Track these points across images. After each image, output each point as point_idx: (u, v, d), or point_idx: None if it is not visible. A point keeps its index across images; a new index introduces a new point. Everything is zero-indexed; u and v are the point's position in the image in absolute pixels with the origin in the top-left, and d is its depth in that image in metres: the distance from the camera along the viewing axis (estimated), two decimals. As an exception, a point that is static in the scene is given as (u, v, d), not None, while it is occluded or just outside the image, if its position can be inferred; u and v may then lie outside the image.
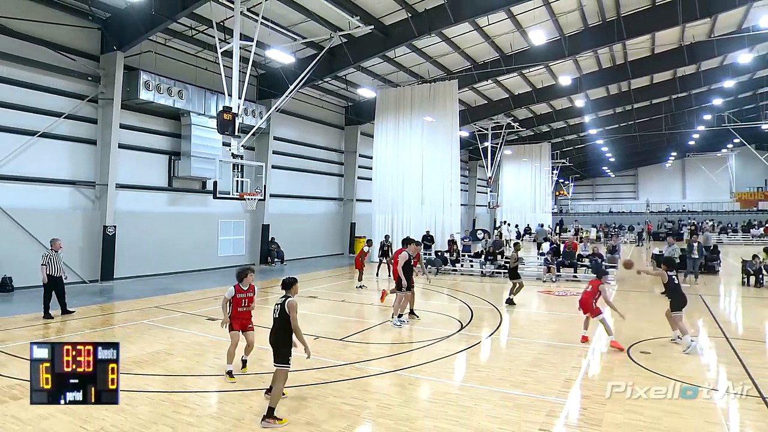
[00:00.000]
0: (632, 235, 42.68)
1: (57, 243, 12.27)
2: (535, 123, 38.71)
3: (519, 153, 44.38)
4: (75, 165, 16.97)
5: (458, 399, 6.82)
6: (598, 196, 69.42)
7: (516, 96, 31.10)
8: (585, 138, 45.46)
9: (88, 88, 17.07)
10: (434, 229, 24.26)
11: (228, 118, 14.53)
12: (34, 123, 15.78)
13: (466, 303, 14.10)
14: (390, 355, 9.02)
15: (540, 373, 7.87)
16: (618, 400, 6.69)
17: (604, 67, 27.34)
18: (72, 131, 16.81)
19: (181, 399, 6.79)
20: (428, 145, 24.47)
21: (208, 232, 21.64)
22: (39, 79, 15.89)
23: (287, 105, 21.10)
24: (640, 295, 16.17)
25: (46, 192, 16.24)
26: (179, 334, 10.42)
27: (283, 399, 6.61)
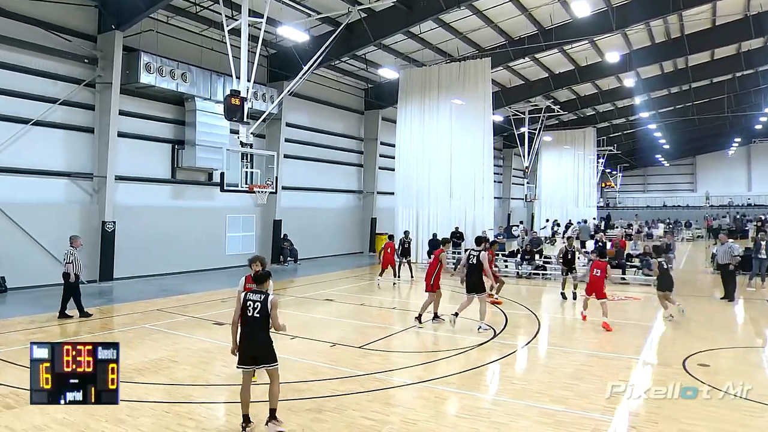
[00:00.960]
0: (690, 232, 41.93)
1: (78, 240, 12.79)
2: (578, 105, 38.22)
3: (560, 139, 43.84)
4: (71, 155, 17.32)
5: (490, 414, 6.80)
6: (650, 188, 68.29)
7: (556, 75, 30.71)
8: (635, 122, 44.65)
9: (85, 72, 17.39)
10: (464, 225, 24.12)
11: (236, 102, 14.65)
12: (27, 110, 16.12)
13: (500, 308, 14.03)
14: (415, 365, 9.03)
15: (583, 387, 7.80)
16: (670, 417, 6.59)
17: (658, 41, 26.78)
18: (67, 118, 17.16)
19: (186, 410, 6.91)
20: (458, 131, 24.31)
21: (214, 228, 21.91)
22: (31, 62, 16.22)
23: (301, 88, 21.19)
24: (699, 300, 15.89)
25: (40, 185, 16.61)
26: (184, 340, 10.59)
27: (297, 412, 6.69)
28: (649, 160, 64.93)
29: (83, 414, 6.59)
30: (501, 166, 47.27)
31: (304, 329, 11.40)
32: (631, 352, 9.76)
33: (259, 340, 6.25)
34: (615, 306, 14.59)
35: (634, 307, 14.74)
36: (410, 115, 25.64)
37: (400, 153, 26.04)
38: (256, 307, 6.25)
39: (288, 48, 22.20)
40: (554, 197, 44.53)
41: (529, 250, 20.89)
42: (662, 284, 12.61)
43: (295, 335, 10.81)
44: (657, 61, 28.48)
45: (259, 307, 6.24)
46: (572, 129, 43.69)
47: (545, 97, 33.96)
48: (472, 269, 11.43)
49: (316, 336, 10.91)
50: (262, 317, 6.23)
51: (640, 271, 18.57)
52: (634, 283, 18.25)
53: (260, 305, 6.24)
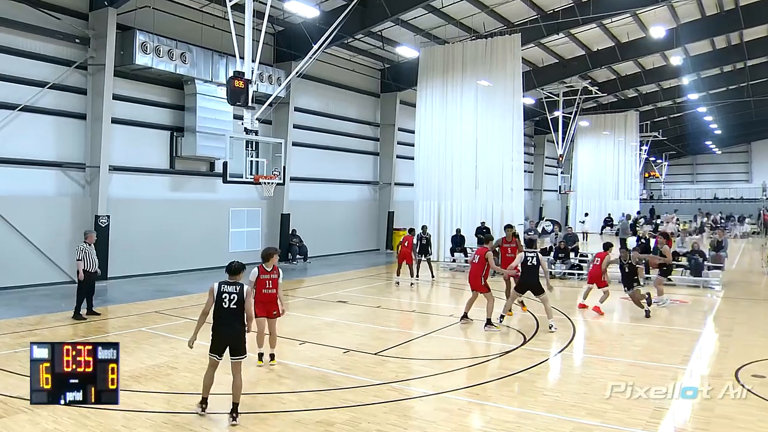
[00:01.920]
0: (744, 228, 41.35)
1: (91, 236, 13.19)
2: (618, 87, 37.81)
3: (598, 124, 43.49)
4: (62, 143, 17.55)
5: (519, 429, 6.79)
6: (699, 178, 67.42)
7: (594, 53, 30.41)
8: (683, 105, 44.08)
9: (76, 53, 17.58)
10: (491, 219, 24.06)
11: (240, 85, 14.69)
12: (13, 94, 16.34)
13: (530, 311, 13.97)
14: (436, 374, 9.04)
15: (623, 400, 7.75)
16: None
17: (709, 14, 26.37)
18: (58, 104, 17.38)
19: (186, 421, 6.99)
20: (484, 115, 24.22)
21: (217, 222, 22.07)
22: (17, 43, 16.42)
23: (311, 69, 21.19)
24: (752, 303, 15.70)
25: (28, 176, 16.85)
26: (184, 345, 10.65)
27: (307, 425, 6.75)
28: (698, 148, 64.04)
29: (75, 425, 6.70)
30: (532, 154, 47.01)
31: (314, 334, 11.47)
32: (678, 361, 9.67)
33: (236, 331, 6.96)
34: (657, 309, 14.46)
35: (681, 310, 14.59)
36: (431, 98, 25.59)
37: (420, 140, 26.01)
38: (232, 299, 6.91)
39: (296, 25, 22.23)
40: (591, 189, 44.20)
41: (564, 247, 20.75)
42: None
43: (305, 340, 10.90)
44: (708, 36, 28.03)
45: (235, 299, 6.90)
46: (612, 113, 43.31)
47: (582, 78, 33.68)
48: (531, 271, 12.03)
49: (327, 341, 10.95)
50: (238, 308, 6.91)
51: (688, 271, 18.36)
52: (681, 285, 18.05)
53: (236, 296, 6.91)
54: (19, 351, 9.96)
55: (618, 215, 42.71)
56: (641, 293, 13.52)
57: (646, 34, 27.36)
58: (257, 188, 19.77)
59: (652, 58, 32.46)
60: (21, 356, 9.60)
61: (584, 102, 37.20)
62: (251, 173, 16.35)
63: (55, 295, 15.48)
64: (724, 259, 19.34)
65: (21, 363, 9.19)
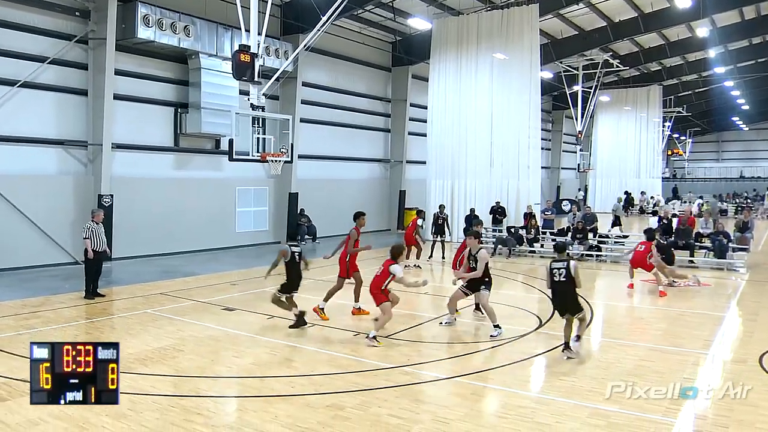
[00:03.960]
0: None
1: (99, 215, 13.39)
2: (641, 59, 37.44)
3: (619, 99, 43.13)
4: (63, 121, 17.64)
5: (534, 414, 6.83)
6: (725, 156, 66.80)
7: (616, 24, 30.04)
8: (709, 79, 43.59)
9: (76, 26, 17.59)
10: (506, 199, 24.00)
11: (245, 59, 14.64)
12: (12, 70, 16.41)
13: (547, 294, 13.97)
14: (449, 358, 9.10)
15: (642, 385, 7.76)
16: (745, 421, 6.54)
17: (738, -18, 25.99)
18: (58, 79, 17.43)
19: (194, 405, 7.09)
20: (500, 90, 24.05)
21: (223, 202, 22.17)
22: (14, 16, 16.44)
23: (319, 42, 21.05)
24: (779, 286, 15.63)
25: (29, 154, 16.97)
26: (190, 327, 10.82)
27: (316, 409, 6.83)
28: (724, 124, 63.36)
29: (82, 408, 6.81)
30: (550, 130, 46.69)
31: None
32: (700, 346, 9.66)
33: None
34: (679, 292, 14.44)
35: (703, 293, 14.54)
36: (445, 72, 25.41)
37: (432, 116, 25.90)
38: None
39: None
40: (611, 167, 43.99)
41: (581, 227, 20.66)
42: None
43: (314, 323, 10.97)
44: (736, 6, 27.63)
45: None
46: (634, 87, 42.93)
47: (603, 50, 33.31)
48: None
49: (336, 324, 11.03)
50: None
51: (711, 253, 18.26)
52: (704, 267, 17.97)
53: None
54: (23, 333, 10.13)
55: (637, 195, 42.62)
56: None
57: (671, 4, 26.99)
58: (264, 166, 19.79)
59: (677, 29, 32.08)
60: (24, 338, 9.74)
61: (605, 76, 36.86)
62: (258, 151, 16.40)
63: (58, 276, 15.68)
64: (749, 240, 19.18)
65: (24, 345, 9.32)
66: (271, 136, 17.37)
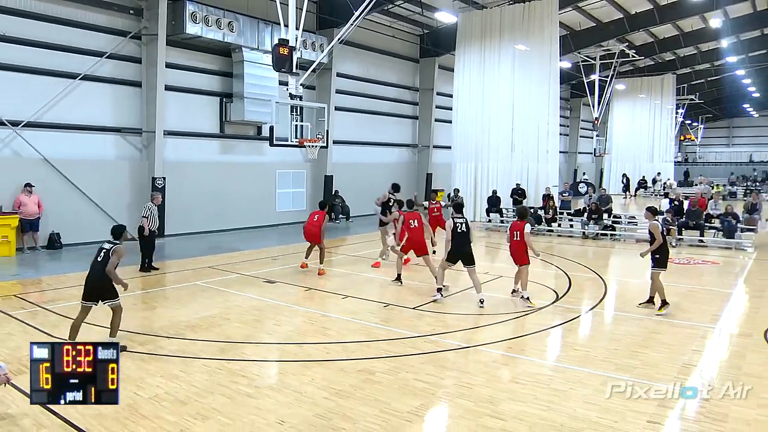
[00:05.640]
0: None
1: (157, 197, 13.80)
2: (656, 50, 36.55)
3: (634, 87, 42.28)
4: (119, 110, 17.91)
5: (550, 381, 6.83)
6: (735, 141, 65.13)
7: (632, 16, 29.31)
8: (721, 68, 42.40)
9: (131, 23, 17.78)
10: (526, 181, 23.77)
11: (284, 52, 14.66)
12: (75, 65, 16.68)
13: (563, 270, 13.88)
14: (471, 328, 9.12)
15: (652, 356, 7.70)
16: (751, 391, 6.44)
17: (751, -25, 25.14)
18: (115, 72, 17.67)
19: (239, 368, 7.24)
20: (521, 79, 23.71)
21: (264, 184, 22.37)
22: (76, 15, 16.68)
23: (352, 35, 20.99)
24: (786, 264, 15.28)
25: (90, 140, 17.30)
26: (235, 298, 11.00)
27: (349, 373, 6.93)
28: (735, 111, 61.70)
29: (137, 369, 7.01)
30: (568, 117, 46.00)
31: (356, 289, 11.65)
32: (708, 320, 9.54)
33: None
34: (688, 270, 14.22)
35: (712, 271, 14.29)
36: (469, 63, 25.12)
37: (458, 104, 25.67)
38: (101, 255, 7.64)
39: (338, -8, 21.96)
40: (626, 151, 43.31)
41: (596, 208, 20.40)
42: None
43: (348, 295, 11.08)
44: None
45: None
46: (649, 76, 42.02)
47: (619, 41, 32.60)
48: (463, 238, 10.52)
49: (369, 296, 11.12)
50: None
51: (720, 233, 17.91)
52: (713, 246, 17.65)
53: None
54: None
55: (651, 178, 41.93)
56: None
57: (685, -4, 26.24)
58: (302, 151, 19.89)
59: (691, 20, 31.18)
60: (88, 306, 10.00)
61: (621, 65, 36.12)
62: (296, 137, 16.44)
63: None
64: (757, 221, 18.77)
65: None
66: (308, 123, 17.36)
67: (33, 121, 15.95)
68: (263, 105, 20.13)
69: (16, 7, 15.50)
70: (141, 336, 8.38)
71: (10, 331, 8.59)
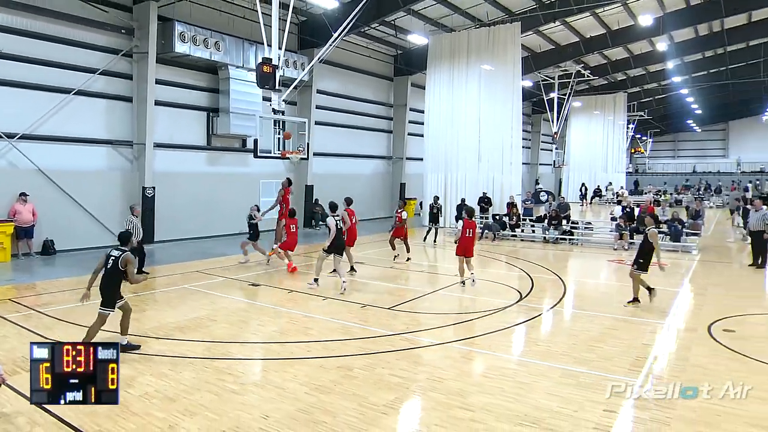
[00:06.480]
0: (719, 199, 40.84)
1: (137, 209, 13.08)
2: (609, 70, 37.22)
3: (590, 105, 42.94)
4: (111, 123, 17.62)
5: (515, 374, 6.87)
6: (680, 153, 66.45)
7: (587, 39, 29.81)
8: (667, 87, 43.34)
9: (122, 42, 17.53)
10: (492, 190, 23.98)
11: (268, 70, 14.59)
12: (68, 80, 16.38)
13: (526, 272, 14.00)
14: (442, 326, 9.13)
15: (607, 350, 7.80)
16: (694, 380, 6.56)
17: (693, 3, 25.69)
18: (107, 88, 17.40)
19: (225, 366, 7.14)
20: (486, 96, 23.95)
21: (249, 193, 22.10)
22: (71, 33, 16.39)
23: (331, 55, 21.01)
24: (725, 266, 15.61)
25: (83, 152, 16.96)
26: (222, 300, 10.87)
27: (329, 369, 6.89)
28: (680, 126, 63.02)
29: (128, 368, 6.88)
30: (529, 131, 46.51)
31: (336, 290, 11.59)
32: (657, 317, 9.69)
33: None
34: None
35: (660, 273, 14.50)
36: (439, 81, 25.31)
37: (429, 119, 25.82)
38: (110, 261, 7.25)
39: (318, 15, 21.97)
40: (583, 163, 43.93)
41: (556, 215, 20.65)
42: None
43: (328, 297, 11.02)
44: (691, 24, 27.34)
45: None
46: (602, 94, 42.72)
47: (575, 62, 33.16)
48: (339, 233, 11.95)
49: (347, 297, 11.08)
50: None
51: (668, 237, 18.25)
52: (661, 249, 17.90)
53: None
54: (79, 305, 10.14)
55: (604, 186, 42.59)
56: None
57: (635, 22, 26.75)
58: (284, 162, 19.79)
59: (640, 44, 31.87)
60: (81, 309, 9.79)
61: (577, 84, 36.62)
62: (279, 149, 16.38)
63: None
64: (701, 226, 19.18)
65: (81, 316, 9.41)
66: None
67: (28, 133, 15.63)
68: (248, 119, 19.98)
69: (14, 26, 15.22)
70: (132, 337, 8.19)
71: (5, 334, 8.36)
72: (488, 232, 20.92)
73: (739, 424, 5.52)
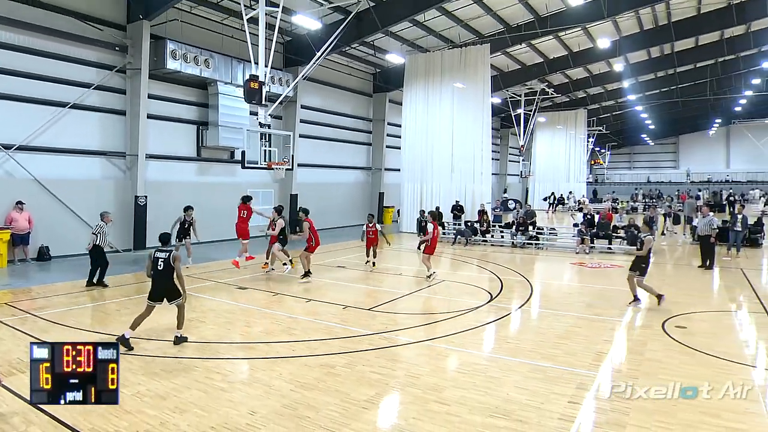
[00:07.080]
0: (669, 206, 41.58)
1: (108, 216, 12.52)
2: (570, 89, 37.80)
3: (553, 120, 43.51)
4: (105, 136, 17.34)
5: (486, 370, 6.90)
6: (636, 165, 67.72)
7: (551, 60, 30.30)
8: (623, 104, 44.16)
9: (116, 59, 17.30)
10: (464, 198, 24.12)
11: (255, 86, 14.55)
12: (65, 95, 16.10)
13: (496, 274, 14.10)
14: (419, 326, 9.14)
15: (571, 346, 7.87)
16: (650, 373, 6.67)
17: (646, 28, 26.30)
18: (101, 102, 17.13)
19: (214, 365, 7.05)
20: (459, 112, 24.14)
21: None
22: (67, 50, 16.14)
23: (314, 73, 21.01)
24: (677, 268, 15.90)
25: (78, 163, 16.66)
26: (210, 303, 10.74)
27: (312, 368, 6.84)
28: (635, 140, 64.36)
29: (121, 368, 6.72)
30: (498, 144, 46.96)
31: (318, 293, 11.54)
32: (616, 315, 9.81)
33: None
34: (599, 272, 14.64)
35: (619, 273, 14.74)
36: (415, 98, 25.46)
37: (405, 132, 25.92)
38: (161, 262, 7.67)
39: (302, 35, 21.96)
40: (547, 173, 44.45)
41: (523, 222, 20.86)
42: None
43: (311, 298, 10.96)
44: (645, 47, 28.01)
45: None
46: (565, 110, 43.36)
47: (540, 81, 33.62)
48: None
49: (329, 299, 11.03)
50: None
51: (625, 241, 18.52)
52: (618, 252, 18.23)
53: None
54: (73, 309, 9.99)
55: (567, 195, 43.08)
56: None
57: (593, 44, 27.29)
58: (270, 173, 19.66)
59: (599, 64, 32.45)
60: (74, 313, 9.62)
61: (542, 101, 37.16)
62: (265, 160, 16.29)
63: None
64: (654, 231, 19.50)
65: (75, 318, 9.22)
66: (275, 148, 17.24)
67: (25, 144, 15.30)
68: (236, 132, 19.84)
69: (13, 43, 14.95)
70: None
71: (1, 336, 8.13)
72: (461, 237, 21.03)
73: (694, 413, 5.61)
